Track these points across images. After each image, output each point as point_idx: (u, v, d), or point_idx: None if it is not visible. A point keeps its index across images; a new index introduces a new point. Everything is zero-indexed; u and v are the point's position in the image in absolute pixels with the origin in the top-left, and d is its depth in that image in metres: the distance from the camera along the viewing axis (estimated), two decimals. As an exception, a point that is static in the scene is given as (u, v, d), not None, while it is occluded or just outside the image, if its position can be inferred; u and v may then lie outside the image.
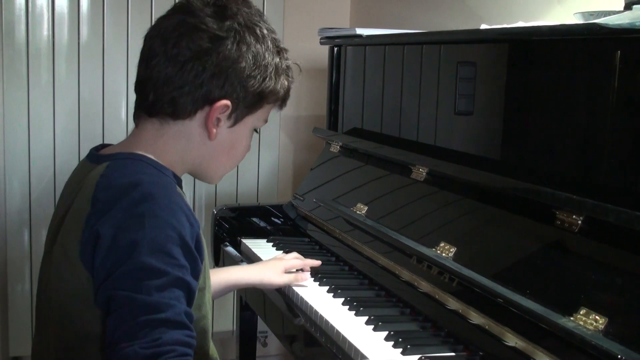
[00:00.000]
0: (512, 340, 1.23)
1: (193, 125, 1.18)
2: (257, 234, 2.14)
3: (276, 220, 2.22)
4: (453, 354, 1.32)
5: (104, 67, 2.62)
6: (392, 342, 1.35)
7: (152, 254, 1.01)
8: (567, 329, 1.12)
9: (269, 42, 1.20)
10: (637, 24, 1.18)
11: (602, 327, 1.10)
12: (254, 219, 2.19)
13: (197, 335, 1.05)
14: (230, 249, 2.04)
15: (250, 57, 1.16)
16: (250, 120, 1.22)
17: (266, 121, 1.27)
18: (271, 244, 2.03)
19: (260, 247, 2.01)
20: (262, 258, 1.89)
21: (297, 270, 1.70)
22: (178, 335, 0.99)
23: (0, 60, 2.50)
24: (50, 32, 2.54)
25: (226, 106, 1.16)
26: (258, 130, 1.28)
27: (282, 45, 1.25)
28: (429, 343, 1.36)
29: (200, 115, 1.17)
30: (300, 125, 2.99)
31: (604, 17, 1.28)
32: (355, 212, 1.86)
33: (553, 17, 1.81)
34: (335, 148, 2.20)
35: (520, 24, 1.60)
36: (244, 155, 1.27)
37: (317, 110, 2.89)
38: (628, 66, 1.23)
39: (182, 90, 1.14)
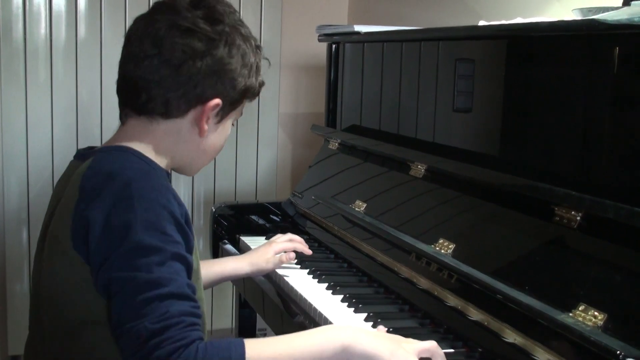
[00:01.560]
0: (511, 336, 1.23)
1: (183, 123, 1.21)
2: (256, 231, 2.14)
3: (275, 217, 2.21)
4: (452, 350, 1.31)
5: (102, 65, 2.62)
6: (391, 339, 1.34)
7: (146, 232, 1.03)
8: (566, 325, 1.12)
9: (252, 42, 1.25)
10: (635, 19, 1.18)
11: (601, 323, 1.10)
12: (253, 217, 2.19)
13: None
14: (229, 246, 2.04)
15: (240, 58, 1.21)
16: (233, 115, 1.27)
17: (242, 114, 1.32)
18: (270, 241, 2.03)
19: (259, 244, 2.01)
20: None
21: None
22: (184, 306, 1.02)
23: (-3, 59, 2.50)
24: (48, 31, 2.53)
25: (217, 105, 1.20)
26: (234, 124, 1.32)
27: (257, 43, 1.29)
28: (428, 339, 1.35)
29: (192, 114, 1.20)
30: (299, 123, 2.99)
31: (603, 13, 1.28)
32: (354, 209, 1.85)
33: (551, 13, 1.81)
34: (333, 145, 2.20)
35: (519, 20, 1.60)
36: (222, 147, 1.31)
37: (315, 107, 2.89)
38: (626, 62, 1.23)
39: (177, 92, 1.17)
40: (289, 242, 1.76)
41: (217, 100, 1.20)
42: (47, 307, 1.15)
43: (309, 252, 1.78)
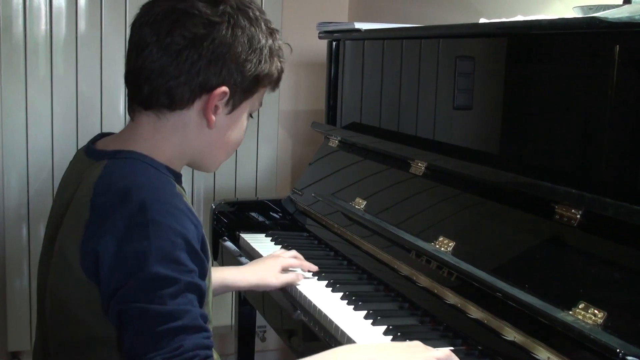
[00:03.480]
0: (511, 334, 1.23)
1: (191, 115, 1.14)
2: (256, 228, 2.14)
3: (275, 214, 2.21)
4: (452, 348, 1.31)
5: (102, 61, 2.61)
6: (390, 337, 1.35)
7: (160, 263, 0.99)
8: (566, 323, 1.12)
9: (262, 24, 1.17)
10: (636, 17, 1.18)
11: (601, 321, 1.10)
12: (253, 214, 2.19)
13: None
14: (229, 243, 2.04)
15: (246, 41, 1.13)
16: (247, 105, 1.19)
17: (261, 104, 1.24)
18: (270, 238, 2.03)
19: (259, 241, 2.01)
20: (261, 253, 1.89)
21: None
22: (198, 339, 0.99)
23: (-3, 55, 2.49)
24: (48, 27, 2.53)
25: (224, 93, 1.13)
26: (253, 116, 1.25)
27: (273, 26, 1.21)
28: (427, 337, 1.35)
29: (198, 104, 1.13)
30: (299, 120, 2.99)
31: (603, 11, 1.28)
32: (354, 206, 1.85)
33: (552, 11, 1.81)
34: (333, 143, 2.20)
35: (519, 18, 1.59)
36: (241, 141, 1.24)
37: (315, 104, 2.89)
38: (627, 60, 1.23)
39: (178, 80, 1.10)
40: (295, 259, 1.71)
41: (223, 89, 1.12)
42: (53, 323, 1.12)
43: (315, 268, 1.72)
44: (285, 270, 1.66)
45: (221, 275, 1.58)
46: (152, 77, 1.11)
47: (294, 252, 1.74)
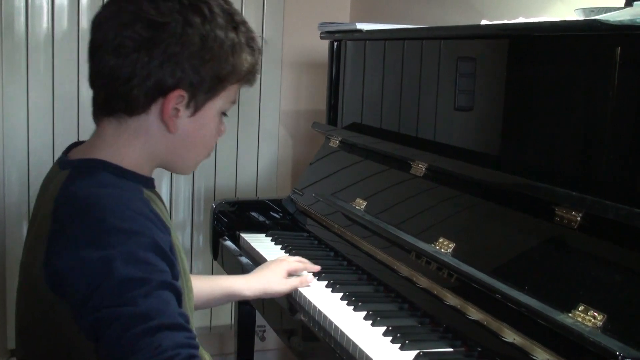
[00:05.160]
0: (511, 336, 1.23)
1: (150, 119, 1.09)
2: (256, 228, 2.14)
3: (275, 214, 2.21)
4: (451, 349, 1.32)
5: (104, 60, 2.61)
6: (390, 337, 1.35)
7: (126, 266, 0.94)
8: (565, 325, 1.12)
9: (220, 19, 1.08)
10: (637, 20, 1.17)
11: (601, 323, 1.10)
12: (253, 214, 2.19)
13: None
14: (229, 243, 2.04)
15: (198, 40, 1.06)
16: (214, 105, 1.12)
17: (234, 102, 1.17)
18: (270, 238, 2.03)
19: (259, 241, 2.01)
20: (260, 252, 1.89)
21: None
22: (179, 337, 0.93)
23: (-1, 53, 2.50)
24: (50, 24, 2.53)
25: (181, 96, 1.07)
26: (227, 114, 1.18)
27: (238, 18, 1.12)
28: (427, 338, 1.36)
29: (155, 108, 1.08)
30: (300, 120, 2.99)
31: (605, 13, 1.28)
32: (354, 207, 1.85)
33: (554, 13, 1.81)
34: (334, 143, 2.20)
35: (521, 19, 1.59)
36: (214, 142, 1.18)
37: (316, 104, 2.89)
38: (628, 63, 1.23)
39: (130, 84, 1.05)
40: (299, 263, 1.68)
41: (178, 92, 1.06)
42: (28, 344, 1.09)
43: (317, 267, 1.70)
44: (290, 274, 1.64)
45: (227, 282, 1.55)
46: (105, 82, 1.07)
47: (298, 258, 1.72)
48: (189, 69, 1.06)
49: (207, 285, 1.52)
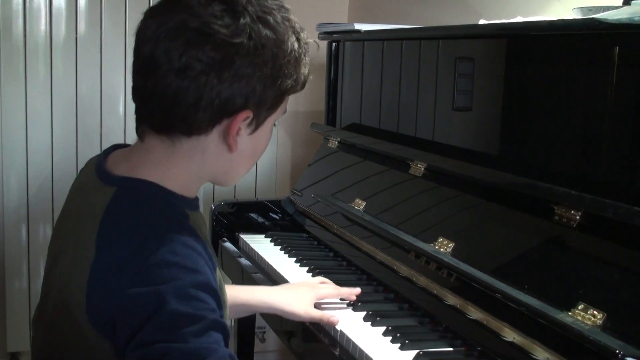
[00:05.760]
0: (510, 335, 1.23)
1: (210, 140, 1.02)
2: (256, 229, 2.13)
3: (274, 215, 2.21)
4: (451, 349, 1.32)
5: (102, 62, 2.61)
6: (390, 337, 1.35)
7: (180, 301, 0.89)
8: (565, 324, 1.12)
9: (286, 29, 1.02)
10: (635, 19, 1.18)
11: (600, 322, 1.10)
12: (252, 215, 2.19)
13: None
14: (228, 244, 2.03)
15: (270, 58, 1.00)
16: (272, 119, 1.09)
17: (285, 112, 1.12)
18: (269, 239, 2.03)
19: (259, 242, 2.01)
20: (260, 254, 1.89)
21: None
22: None
23: (-3, 56, 2.50)
24: (48, 28, 2.53)
25: (247, 117, 1.02)
26: (276, 124, 1.13)
27: (297, 26, 1.06)
28: (427, 338, 1.36)
29: (217, 129, 1.01)
30: (299, 121, 2.99)
31: (603, 12, 1.28)
32: (354, 207, 1.85)
33: (552, 13, 1.81)
34: (333, 143, 2.20)
35: (519, 19, 1.59)
36: (264, 152, 1.14)
37: (315, 105, 2.89)
38: (626, 61, 1.23)
39: (196, 107, 0.97)
40: (332, 289, 1.54)
41: (245, 113, 1.01)
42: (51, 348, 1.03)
43: (357, 290, 1.55)
44: (319, 302, 1.50)
45: (246, 293, 1.46)
46: (165, 103, 0.98)
47: (330, 282, 1.58)
48: (259, 89, 1.00)
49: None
